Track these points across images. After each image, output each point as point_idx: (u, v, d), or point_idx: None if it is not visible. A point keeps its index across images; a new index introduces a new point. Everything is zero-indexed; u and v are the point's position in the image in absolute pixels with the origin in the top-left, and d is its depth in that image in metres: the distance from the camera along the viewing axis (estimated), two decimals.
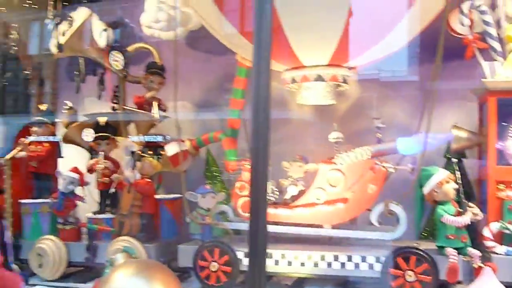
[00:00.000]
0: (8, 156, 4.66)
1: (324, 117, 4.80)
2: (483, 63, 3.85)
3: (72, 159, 5.10)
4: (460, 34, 4.02)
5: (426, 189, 3.73)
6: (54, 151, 5.01)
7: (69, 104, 5.12)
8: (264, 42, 2.70)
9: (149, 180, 4.42)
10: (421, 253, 3.56)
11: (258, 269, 2.57)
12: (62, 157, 5.17)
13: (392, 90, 4.75)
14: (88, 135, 4.64)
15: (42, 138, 4.88)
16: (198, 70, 5.42)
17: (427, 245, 3.76)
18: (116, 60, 4.72)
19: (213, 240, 4.08)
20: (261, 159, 2.59)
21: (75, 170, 4.58)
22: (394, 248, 3.67)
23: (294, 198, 4.14)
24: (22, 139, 4.78)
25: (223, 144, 4.48)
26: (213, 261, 3.96)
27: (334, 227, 3.99)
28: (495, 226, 3.65)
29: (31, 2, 5.58)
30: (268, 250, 3.76)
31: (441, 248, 3.64)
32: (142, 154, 4.42)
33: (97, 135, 4.60)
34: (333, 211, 3.95)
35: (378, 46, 3.76)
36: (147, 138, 4.49)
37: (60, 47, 4.41)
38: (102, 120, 4.64)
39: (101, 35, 4.65)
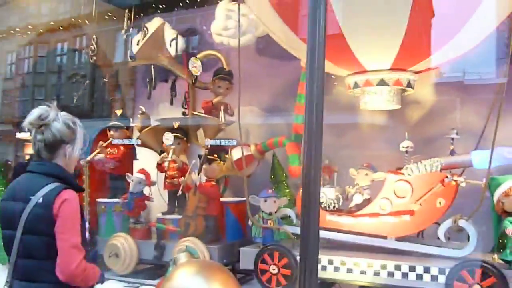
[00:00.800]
0: (88, 158, 4.93)
1: (396, 123, 4.65)
2: None
3: (147, 162, 5.32)
4: None
5: (494, 199, 3.51)
6: (129, 154, 5.24)
7: (143, 109, 5.33)
8: (318, 46, 2.68)
9: (214, 183, 4.50)
10: (488, 266, 3.34)
11: (309, 274, 2.56)
12: (137, 159, 5.40)
13: (474, 94, 4.48)
14: (169, 138, 4.77)
15: (119, 141, 5.10)
16: (266, 76, 5.44)
17: None
18: (195, 67, 4.82)
19: (273, 243, 4.08)
20: (314, 164, 2.56)
21: (142, 171, 4.76)
22: (460, 260, 3.48)
23: (359, 206, 4.05)
24: (101, 142, 5.04)
25: (287, 149, 4.46)
26: (273, 264, 3.95)
27: (398, 239, 3.85)
28: None
29: (110, 14, 5.88)
30: (328, 256, 3.81)
31: (508, 262, 3.40)
32: (208, 157, 4.50)
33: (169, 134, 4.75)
34: (398, 223, 3.81)
35: (446, 47, 3.58)
36: (212, 142, 4.54)
37: (132, 56, 4.60)
38: (175, 124, 4.80)
39: (171, 44, 4.79)
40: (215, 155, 4.60)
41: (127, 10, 5.24)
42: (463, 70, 4.33)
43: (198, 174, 4.47)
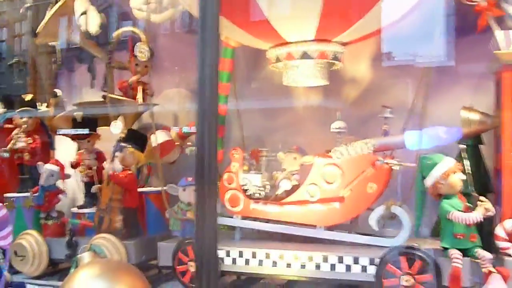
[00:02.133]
0: (8, 148, 4.35)
1: (332, 103, 4.25)
2: (498, 33, 3.19)
3: (68, 151, 4.77)
4: (472, 1, 3.37)
5: (428, 181, 3.13)
6: (44, 143, 4.67)
7: (59, 92, 4.75)
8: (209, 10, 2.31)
9: (130, 172, 4.00)
10: (420, 254, 2.98)
11: (207, 273, 2.19)
12: (54, 149, 4.84)
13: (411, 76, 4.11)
14: (117, 126, 4.17)
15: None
16: (190, 54, 4.95)
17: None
18: (141, 52, 4.23)
19: (191, 237, 3.61)
20: (208, 144, 2.21)
21: (55, 162, 4.22)
22: (389, 249, 3.10)
23: (288, 193, 3.62)
24: (15, 131, 4.45)
25: None
26: (190, 261, 3.50)
27: (328, 229, 3.45)
28: (510, 224, 3.01)
29: None
30: (251, 249, 3.39)
31: (446, 249, 3.03)
32: (123, 144, 3.99)
33: (74, 133, 4.21)
34: (327, 211, 3.41)
35: (370, 15, 3.16)
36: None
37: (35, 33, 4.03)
38: (78, 116, 4.24)
39: (83, 18, 4.22)
40: (132, 142, 4.06)
41: None
42: (413, 53, 3.96)
43: (110, 162, 3.95)
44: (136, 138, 4.11)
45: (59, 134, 4.57)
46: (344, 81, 4.16)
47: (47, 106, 4.63)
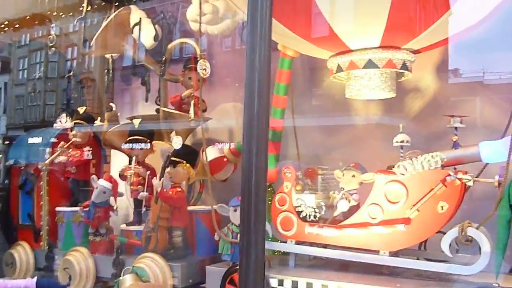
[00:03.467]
0: (47, 161, 4.22)
1: (394, 116, 3.80)
2: None
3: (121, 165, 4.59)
4: None
5: None
6: (96, 156, 4.51)
7: (113, 107, 4.59)
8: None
9: (180, 189, 3.71)
10: None
11: None
12: (107, 162, 4.67)
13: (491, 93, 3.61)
14: (177, 142, 3.97)
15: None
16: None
17: None
18: (204, 69, 4.02)
19: None
20: (255, 160, 1.90)
21: (109, 178, 4.00)
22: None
23: (346, 215, 3.21)
24: (62, 143, 4.32)
25: None
26: None
27: (392, 254, 2.99)
28: None
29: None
30: (307, 279, 2.99)
31: None
32: (172, 160, 3.72)
33: (129, 139, 3.99)
34: (391, 234, 2.95)
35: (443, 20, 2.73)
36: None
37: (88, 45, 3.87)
38: (136, 122, 4.03)
39: (137, 30, 4.04)
40: (182, 158, 3.78)
41: None
42: (482, 69, 3.49)
43: (160, 179, 3.68)
44: (188, 153, 3.82)
45: (113, 148, 4.38)
46: (406, 92, 3.71)
47: (101, 121, 4.47)
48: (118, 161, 4.71)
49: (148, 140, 4.04)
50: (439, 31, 2.85)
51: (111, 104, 4.66)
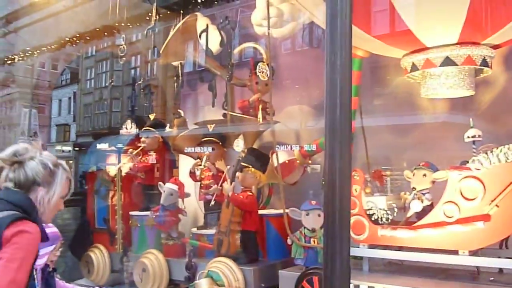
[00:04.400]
0: (116, 167, 4.35)
1: (463, 112, 3.63)
2: None
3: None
4: None
5: None
6: (165, 161, 4.59)
7: (181, 112, 4.66)
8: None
9: (250, 193, 3.70)
10: None
11: None
12: (176, 167, 4.75)
13: None
14: (239, 145, 4.05)
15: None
16: (316, 69, 4.59)
17: None
18: (262, 72, 4.06)
19: (317, 266, 3.20)
20: (339, 165, 1.85)
21: (174, 181, 4.07)
22: None
23: (420, 215, 3.08)
24: (130, 150, 4.44)
25: None
26: None
27: (472, 254, 2.84)
28: None
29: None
30: (383, 285, 2.90)
31: None
32: (244, 164, 3.72)
33: (202, 140, 4.04)
34: (470, 232, 2.81)
35: None
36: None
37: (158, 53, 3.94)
38: (210, 127, 4.07)
39: (201, 36, 4.08)
40: (252, 162, 3.77)
41: (155, 4, 4.58)
42: None
43: (231, 183, 3.69)
44: (257, 157, 3.81)
45: (183, 153, 4.43)
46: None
47: (170, 127, 4.55)
48: (186, 166, 4.78)
49: (220, 143, 4.08)
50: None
51: (179, 110, 4.74)
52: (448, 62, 2.84)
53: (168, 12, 5.24)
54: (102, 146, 5.06)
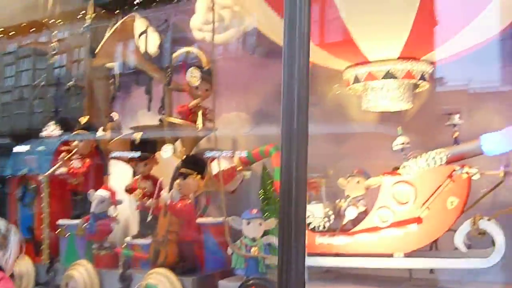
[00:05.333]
0: (47, 173, 4.07)
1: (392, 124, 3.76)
2: None
3: (122, 176, 4.44)
4: None
5: None
6: (98, 167, 4.36)
7: (115, 116, 4.45)
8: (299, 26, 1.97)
9: (189, 202, 3.59)
10: None
11: None
12: (108, 174, 4.52)
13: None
14: (167, 151, 3.89)
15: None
16: (255, 77, 4.57)
17: None
18: (194, 76, 3.94)
19: (257, 276, 3.16)
20: (297, 173, 1.84)
21: (106, 188, 3.87)
22: None
23: (355, 222, 3.14)
24: (63, 154, 4.17)
25: (272, 160, 3.52)
26: None
27: (407, 256, 2.93)
28: None
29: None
30: None
31: None
32: (183, 171, 3.60)
33: (131, 156, 3.87)
34: (404, 235, 2.90)
35: (461, 34, 2.70)
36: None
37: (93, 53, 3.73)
38: (137, 136, 3.90)
39: (140, 38, 3.93)
40: (192, 168, 3.66)
41: (90, 2, 4.35)
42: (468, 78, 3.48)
43: (169, 191, 3.57)
44: (197, 163, 3.71)
45: (114, 158, 4.25)
46: None
47: (103, 130, 4.32)
48: (117, 172, 4.58)
49: (152, 155, 3.93)
50: (458, 42, 2.81)
51: (112, 113, 4.52)
52: (389, 75, 2.92)
53: (103, 11, 5.03)
54: (24, 148, 4.72)
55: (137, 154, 3.91)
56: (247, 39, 4.42)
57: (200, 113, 3.87)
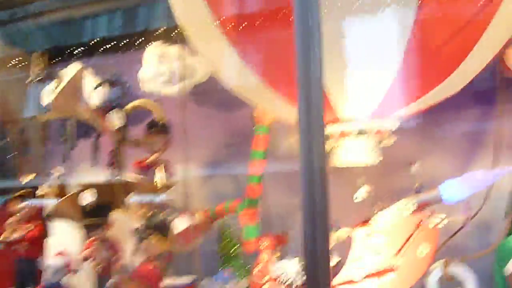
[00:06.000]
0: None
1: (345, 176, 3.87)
2: None
3: (64, 238, 4.09)
4: None
5: (509, 268, 2.75)
6: (44, 230, 4.00)
7: (59, 171, 4.13)
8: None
9: (155, 264, 3.40)
10: None
11: None
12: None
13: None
14: (87, 197, 3.65)
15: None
16: (205, 127, 4.51)
17: None
18: (119, 118, 3.77)
19: None
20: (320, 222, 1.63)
21: (61, 254, 3.56)
22: None
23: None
24: (13, 218, 3.78)
25: (241, 219, 3.45)
26: None
27: None
28: None
29: (18, 60, 4.70)
30: None
31: None
32: (148, 232, 3.41)
33: (87, 223, 3.62)
34: (384, 285, 2.93)
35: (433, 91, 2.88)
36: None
37: (45, 108, 3.47)
38: (87, 202, 3.65)
39: (93, 92, 3.74)
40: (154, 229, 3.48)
41: (34, 55, 4.08)
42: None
43: (134, 255, 3.35)
44: (161, 223, 3.53)
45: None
46: None
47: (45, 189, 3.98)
48: (61, 234, 4.22)
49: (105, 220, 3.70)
50: (431, 97, 2.96)
51: (57, 168, 4.19)
52: (362, 132, 3.01)
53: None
54: None
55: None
56: (195, 91, 4.36)
57: (161, 169, 3.70)
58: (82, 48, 4.57)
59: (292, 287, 3.14)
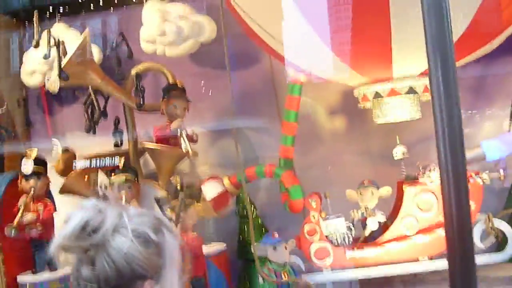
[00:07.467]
0: (15, 223, 3.30)
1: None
2: None
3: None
4: None
5: None
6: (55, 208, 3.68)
7: (56, 143, 3.75)
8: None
9: (194, 235, 3.29)
10: None
11: None
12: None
13: None
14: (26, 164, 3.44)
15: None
16: (208, 90, 4.32)
17: None
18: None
19: None
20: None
21: None
22: None
23: (375, 233, 3.26)
24: (23, 198, 3.43)
25: (284, 181, 3.38)
26: None
27: (431, 258, 3.15)
28: None
29: None
30: None
31: None
32: (190, 200, 3.25)
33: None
34: (433, 240, 3.12)
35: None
36: None
37: (63, 75, 3.11)
38: (120, 161, 3.41)
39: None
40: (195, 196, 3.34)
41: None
42: None
43: (176, 226, 3.20)
44: (197, 191, 3.39)
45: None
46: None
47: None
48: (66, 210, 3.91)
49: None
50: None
51: (54, 140, 3.82)
52: (411, 90, 3.07)
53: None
54: None
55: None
56: (203, 51, 4.14)
57: (185, 136, 3.51)
58: (65, 7, 4.12)
59: (340, 245, 3.21)
